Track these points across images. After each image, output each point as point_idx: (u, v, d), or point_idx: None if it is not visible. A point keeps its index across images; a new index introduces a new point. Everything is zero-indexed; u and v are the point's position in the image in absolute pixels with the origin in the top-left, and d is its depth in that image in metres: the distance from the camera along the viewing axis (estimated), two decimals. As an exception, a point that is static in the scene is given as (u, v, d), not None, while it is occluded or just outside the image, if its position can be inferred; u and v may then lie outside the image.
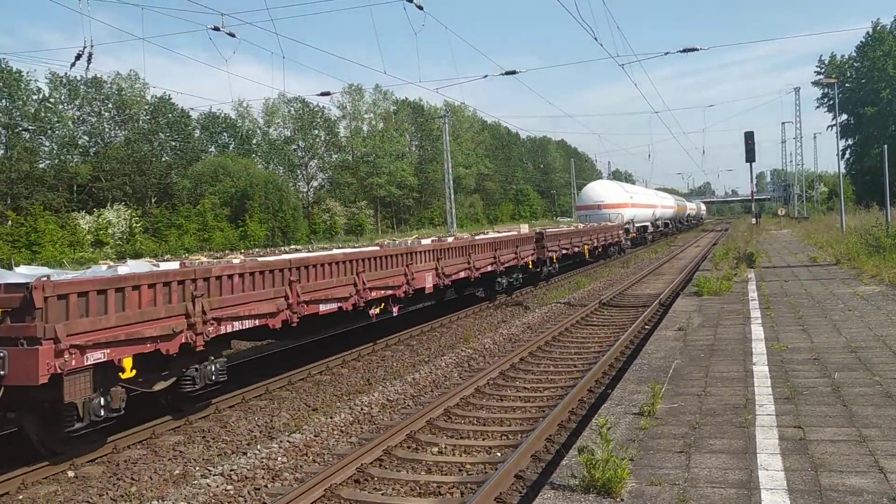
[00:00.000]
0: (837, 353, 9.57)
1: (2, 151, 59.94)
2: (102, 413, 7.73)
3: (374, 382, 11.45)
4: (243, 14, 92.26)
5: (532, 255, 23.12)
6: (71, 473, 7.66)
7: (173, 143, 74.72)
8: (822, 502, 4.86)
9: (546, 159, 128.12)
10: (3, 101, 60.22)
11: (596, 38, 20.58)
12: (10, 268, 9.17)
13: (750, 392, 7.81)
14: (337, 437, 8.70)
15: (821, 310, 13.41)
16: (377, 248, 14.98)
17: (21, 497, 7.04)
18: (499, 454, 7.82)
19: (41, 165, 62.73)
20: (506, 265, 20.38)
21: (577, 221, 44.97)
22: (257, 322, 9.85)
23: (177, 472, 7.67)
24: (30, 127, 59.87)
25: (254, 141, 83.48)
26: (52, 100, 65.09)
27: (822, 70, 78.36)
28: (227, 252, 15.27)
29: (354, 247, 17.65)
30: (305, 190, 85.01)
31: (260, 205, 64.44)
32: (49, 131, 63.98)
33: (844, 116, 75.88)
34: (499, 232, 25.70)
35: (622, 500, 5.08)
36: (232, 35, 19.42)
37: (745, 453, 5.90)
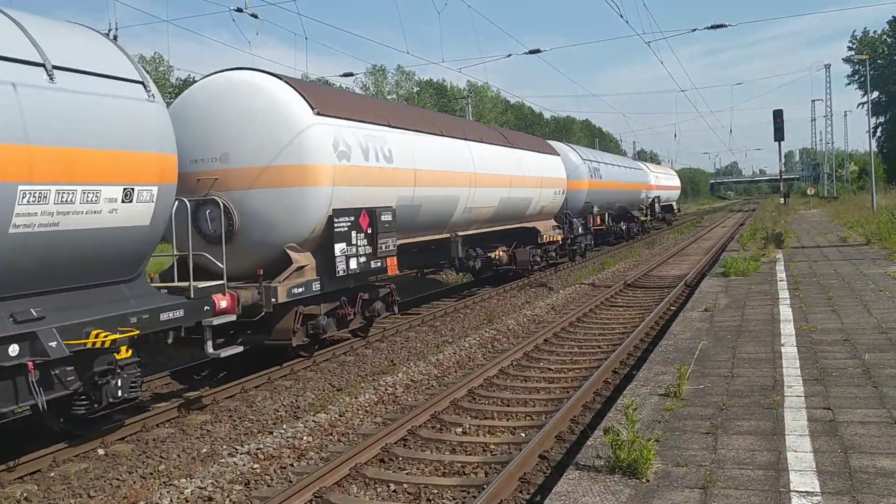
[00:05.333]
0: (868, 333, 9.42)
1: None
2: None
3: (398, 363, 11.49)
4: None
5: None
6: (101, 451, 7.79)
7: (198, 126, 75.01)
8: (852, 484, 4.79)
9: (570, 139, 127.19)
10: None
11: (622, 16, 20.27)
12: None
13: (778, 373, 7.72)
14: (361, 417, 8.74)
15: (851, 290, 13.20)
16: None
17: (53, 474, 7.17)
18: (523, 435, 7.81)
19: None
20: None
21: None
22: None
23: (204, 450, 7.77)
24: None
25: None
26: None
27: (854, 46, 76.64)
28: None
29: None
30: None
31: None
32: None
33: (876, 94, 74.25)
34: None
35: (648, 480, 5.05)
36: (255, 16, 19.37)
37: (773, 435, 5.83)
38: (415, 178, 13.33)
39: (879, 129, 79.76)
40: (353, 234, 11.22)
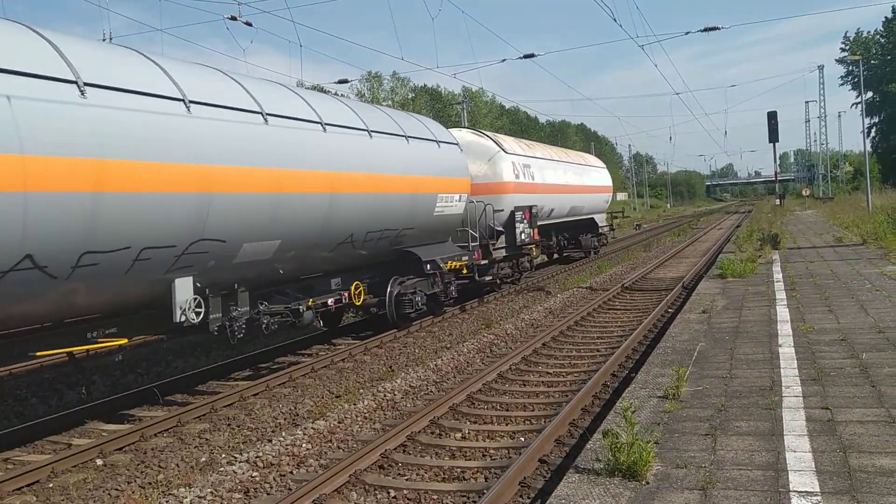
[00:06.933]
0: (865, 333, 9.43)
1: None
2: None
3: (397, 369, 11.48)
4: (260, 3, 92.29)
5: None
6: (99, 462, 7.76)
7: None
8: (852, 483, 4.79)
9: (566, 143, 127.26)
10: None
11: (615, 19, 20.37)
12: None
13: (776, 374, 7.73)
14: (360, 423, 8.73)
15: (847, 290, 13.23)
16: None
17: (52, 485, 7.15)
18: (522, 439, 7.81)
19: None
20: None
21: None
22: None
23: (203, 459, 7.75)
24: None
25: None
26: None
27: (848, 47, 76.95)
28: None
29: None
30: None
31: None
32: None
33: (870, 94, 74.53)
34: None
35: (647, 483, 5.05)
36: (249, 24, 19.47)
37: (771, 435, 5.84)
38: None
39: (874, 129, 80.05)
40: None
